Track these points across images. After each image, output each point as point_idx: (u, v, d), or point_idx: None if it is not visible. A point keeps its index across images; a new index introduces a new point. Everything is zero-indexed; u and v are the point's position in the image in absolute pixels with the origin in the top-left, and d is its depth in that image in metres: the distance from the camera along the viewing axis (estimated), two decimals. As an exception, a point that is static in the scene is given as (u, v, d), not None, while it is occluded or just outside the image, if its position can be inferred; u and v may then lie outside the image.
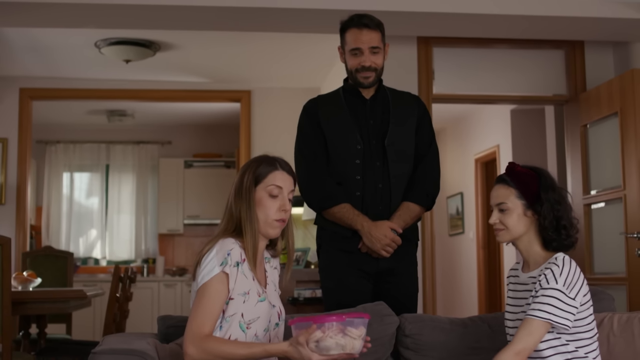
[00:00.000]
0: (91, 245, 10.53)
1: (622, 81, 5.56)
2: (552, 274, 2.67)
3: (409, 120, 3.70)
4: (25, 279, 5.29)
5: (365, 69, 3.59)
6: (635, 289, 5.38)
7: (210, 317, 2.47)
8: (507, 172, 2.87)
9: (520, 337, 2.64)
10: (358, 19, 3.60)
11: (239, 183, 2.65)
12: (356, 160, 3.62)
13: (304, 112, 3.75)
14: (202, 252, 2.56)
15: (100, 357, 2.51)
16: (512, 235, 2.83)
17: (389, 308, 3.30)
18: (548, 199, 2.76)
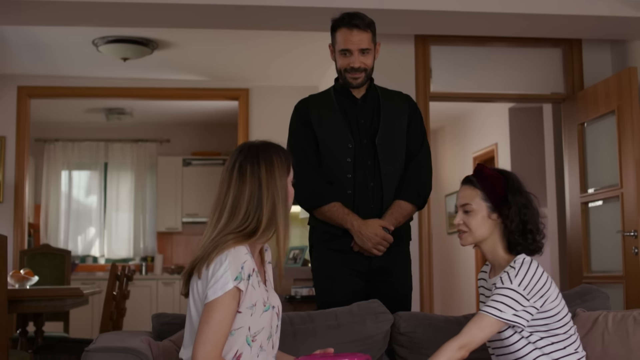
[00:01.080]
0: (90, 244, 10.54)
1: (620, 79, 5.56)
2: (508, 276, 2.68)
3: (399, 120, 3.69)
4: (22, 277, 5.30)
5: (355, 70, 3.56)
6: (632, 287, 5.38)
7: (222, 336, 2.37)
8: (474, 173, 2.85)
9: (468, 330, 2.65)
10: (349, 18, 3.56)
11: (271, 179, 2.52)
12: (347, 159, 3.62)
13: (295, 112, 3.74)
14: (211, 253, 2.42)
15: (93, 355, 2.50)
16: (475, 237, 2.82)
17: (383, 306, 3.29)
18: (515, 202, 2.75)
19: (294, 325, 3.17)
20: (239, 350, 2.44)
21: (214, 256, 2.41)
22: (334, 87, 3.75)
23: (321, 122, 3.65)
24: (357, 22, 3.53)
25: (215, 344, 2.36)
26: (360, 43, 3.53)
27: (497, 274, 2.81)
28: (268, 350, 2.54)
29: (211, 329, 2.36)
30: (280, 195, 2.52)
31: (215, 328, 2.36)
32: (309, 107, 3.71)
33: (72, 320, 6.80)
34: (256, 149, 2.58)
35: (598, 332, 3.09)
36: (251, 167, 2.53)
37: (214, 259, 2.41)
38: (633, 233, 5.35)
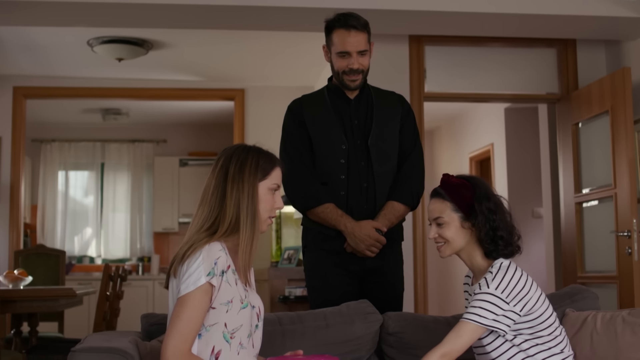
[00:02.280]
0: (86, 244, 10.54)
1: (613, 79, 5.56)
2: (485, 281, 2.69)
3: (392, 120, 3.69)
4: (16, 277, 5.30)
5: (353, 72, 3.54)
6: (625, 287, 5.38)
7: (192, 330, 2.38)
8: (441, 184, 2.85)
9: (449, 339, 2.66)
10: (345, 19, 3.53)
11: (238, 175, 2.53)
12: (341, 159, 3.62)
13: (289, 113, 3.73)
14: (186, 252, 2.46)
15: (79, 355, 2.50)
16: (453, 248, 2.82)
17: (373, 306, 3.29)
18: (482, 210, 2.74)
19: (282, 326, 3.17)
20: (217, 346, 2.45)
21: (190, 253, 2.44)
22: (328, 87, 3.73)
23: (315, 122, 3.64)
24: (354, 23, 3.51)
25: (185, 338, 2.37)
26: (358, 45, 3.52)
27: (478, 280, 2.82)
28: (249, 349, 2.53)
29: (181, 323, 2.37)
30: (247, 197, 2.52)
31: (185, 322, 2.37)
32: (302, 107, 3.69)
33: (67, 320, 6.79)
34: (237, 148, 2.61)
35: (587, 333, 3.09)
36: (223, 161, 2.57)
37: (190, 256, 2.44)
38: (626, 233, 5.35)
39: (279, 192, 2.62)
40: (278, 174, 2.62)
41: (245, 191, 2.52)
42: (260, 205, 2.55)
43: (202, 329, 2.44)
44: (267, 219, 2.59)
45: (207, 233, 2.49)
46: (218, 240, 2.48)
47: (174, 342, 2.37)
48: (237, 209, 2.51)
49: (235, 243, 2.54)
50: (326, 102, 3.67)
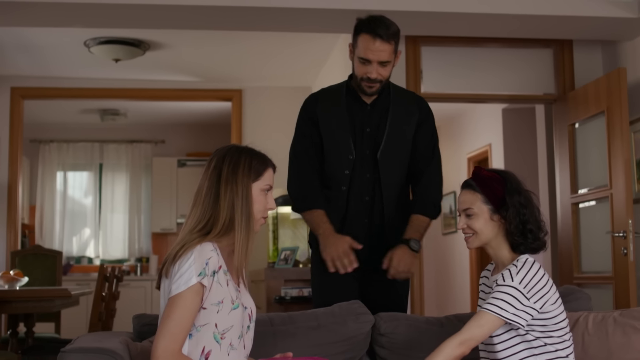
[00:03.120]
0: (85, 244, 10.55)
1: (609, 80, 5.56)
2: (509, 273, 2.70)
3: (408, 125, 3.60)
4: (12, 277, 5.30)
5: (371, 80, 3.45)
6: (621, 288, 5.38)
7: (183, 330, 2.38)
8: (473, 176, 2.86)
9: (469, 327, 2.66)
10: (374, 25, 3.39)
11: (231, 176, 2.53)
12: (345, 170, 3.57)
13: (303, 109, 3.67)
14: (178, 252, 2.45)
15: (69, 355, 2.50)
16: (481, 240, 2.83)
17: (364, 307, 3.29)
18: (513, 203, 2.75)
19: (274, 326, 3.17)
20: (207, 347, 2.45)
21: (181, 253, 2.44)
22: (347, 86, 3.63)
23: (327, 123, 3.58)
24: (382, 33, 3.37)
25: (175, 338, 2.37)
26: (381, 55, 3.40)
27: (500, 271, 2.82)
28: (239, 350, 2.54)
29: (172, 323, 2.38)
30: (241, 197, 2.52)
31: (176, 322, 2.38)
32: (318, 102, 3.63)
33: (64, 321, 6.80)
34: (230, 148, 2.62)
35: (578, 333, 3.10)
36: (216, 162, 2.58)
37: (181, 256, 2.44)
38: (622, 234, 5.35)
39: (271, 192, 2.63)
40: (270, 175, 2.62)
41: (240, 192, 2.53)
42: (254, 206, 2.56)
43: (192, 329, 2.44)
44: (260, 219, 2.60)
45: (199, 234, 2.50)
46: (210, 241, 2.48)
47: (165, 342, 2.37)
48: (231, 210, 2.51)
49: (228, 244, 2.55)
50: (342, 103, 3.60)
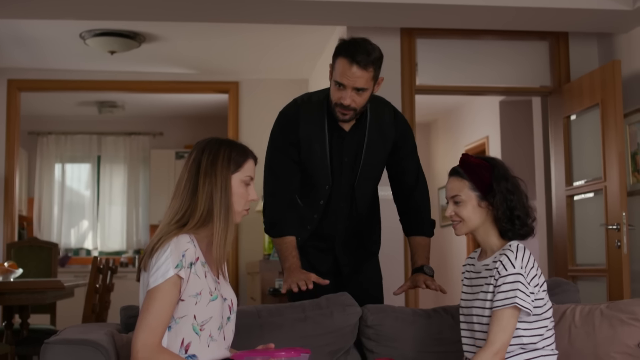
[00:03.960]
0: (83, 236, 10.56)
1: (603, 72, 5.56)
2: (508, 260, 2.70)
3: (383, 151, 3.53)
4: (6, 269, 5.31)
5: (344, 107, 3.28)
6: (614, 280, 5.38)
7: (162, 323, 2.39)
8: (460, 163, 2.86)
9: (495, 334, 2.65)
10: (354, 49, 3.21)
11: (210, 167, 2.52)
12: (320, 201, 3.52)
13: (284, 127, 3.47)
14: (155, 245, 2.46)
15: (52, 347, 2.50)
16: (469, 227, 2.84)
17: (352, 298, 3.29)
18: (500, 190, 2.76)
19: (261, 318, 3.18)
20: (186, 339, 2.45)
21: (158, 246, 2.45)
22: (328, 109, 3.42)
23: (307, 151, 3.44)
24: (360, 59, 3.19)
25: (154, 332, 2.38)
26: (357, 81, 3.22)
27: (488, 256, 2.83)
28: (219, 341, 2.54)
29: (151, 316, 2.38)
30: (220, 189, 2.52)
31: (155, 315, 2.38)
32: (299, 126, 3.42)
33: (60, 312, 6.81)
34: (210, 141, 2.62)
35: (565, 326, 3.09)
36: (196, 154, 2.58)
37: (158, 249, 2.44)
38: (616, 226, 5.35)
39: (252, 184, 2.62)
40: (251, 166, 2.62)
41: (218, 184, 2.52)
42: (234, 198, 2.55)
43: (171, 321, 2.45)
44: (241, 211, 2.60)
45: (176, 225, 2.50)
46: (187, 233, 2.48)
47: (144, 336, 2.37)
48: (210, 202, 2.51)
49: (206, 235, 2.55)
50: (324, 127, 3.43)
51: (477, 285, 2.83)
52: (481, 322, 2.76)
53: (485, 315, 2.74)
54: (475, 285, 2.85)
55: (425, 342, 3.25)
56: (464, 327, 2.89)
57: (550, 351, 2.75)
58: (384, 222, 3.86)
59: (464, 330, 2.88)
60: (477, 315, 2.78)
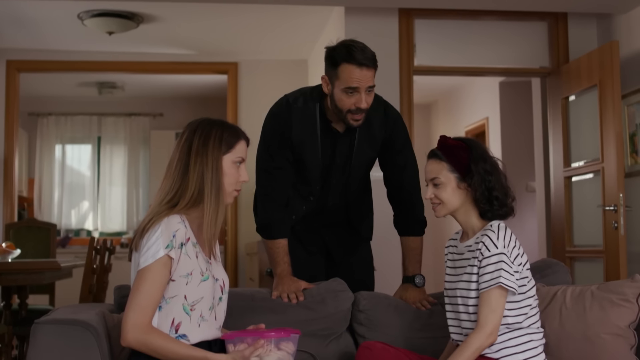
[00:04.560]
0: (83, 217, 10.58)
1: (601, 53, 5.53)
2: (490, 240, 2.71)
3: (372, 150, 3.51)
4: (4, 250, 5.32)
5: (361, 111, 3.26)
6: (611, 261, 5.38)
7: (152, 303, 2.40)
8: (438, 145, 2.86)
9: (485, 316, 2.66)
10: (354, 53, 3.20)
11: (202, 148, 2.53)
12: (310, 197, 3.52)
13: (275, 126, 3.43)
14: (146, 225, 2.47)
15: (42, 327, 2.52)
16: (449, 209, 2.84)
17: (345, 284, 3.30)
18: (478, 171, 2.76)
19: (255, 302, 3.19)
20: (177, 318, 2.47)
21: (149, 227, 2.46)
22: (320, 111, 3.41)
23: (300, 147, 3.42)
24: (366, 60, 3.20)
25: (145, 312, 2.39)
26: (369, 81, 3.24)
27: (470, 237, 2.83)
28: (210, 321, 2.55)
29: (141, 296, 2.40)
30: (210, 169, 2.52)
31: (145, 295, 2.40)
32: (292, 126, 3.39)
33: (59, 293, 6.82)
34: (202, 121, 2.62)
35: (556, 307, 3.09)
36: (188, 135, 2.58)
37: (149, 229, 2.45)
38: (613, 207, 5.35)
39: (244, 165, 2.63)
40: (243, 147, 2.62)
41: (209, 164, 2.52)
42: (225, 179, 2.56)
43: (162, 301, 2.46)
44: (233, 192, 2.60)
45: (167, 206, 2.50)
46: (178, 213, 2.49)
47: (134, 315, 2.39)
48: (201, 182, 2.52)
49: (197, 216, 2.55)
50: (317, 130, 3.40)
51: (460, 267, 2.85)
52: (466, 304, 2.77)
53: (471, 297, 2.75)
54: (458, 267, 2.86)
55: (415, 328, 3.27)
56: (449, 309, 2.90)
57: (535, 329, 2.77)
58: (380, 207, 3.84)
59: (449, 312, 2.90)
60: (461, 297, 2.79)
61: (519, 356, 2.70)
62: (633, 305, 3.01)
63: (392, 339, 3.17)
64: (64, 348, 2.47)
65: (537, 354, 2.73)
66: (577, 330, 3.02)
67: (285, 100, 3.45)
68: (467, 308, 2.77)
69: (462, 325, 2.80)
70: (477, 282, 2.73)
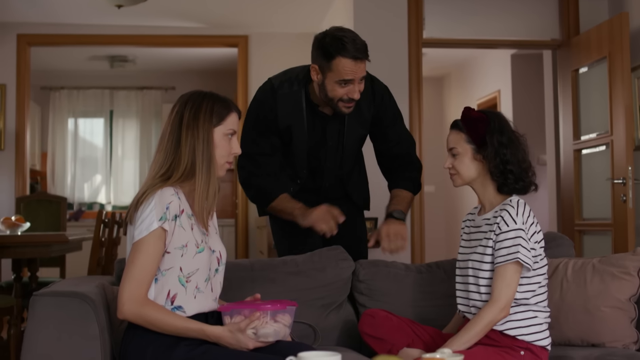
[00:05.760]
0: (96, 191, 10.62)
1: (611, 25, 5.48)
2: (509, 215, 2.70)
3: (363, 127, 3.51)
4: (13, 223, 5.35)
5: (353, 100, 3.26)
6: (619, 234, 5.36)
7: (147, 276, 2.42)
8: (461, 117, 2.85)
9: (500, 290, 2.66)
10: (347, 45, 3.14)
11: (192, 121, 2.52)
12: (297, 180, 3.52)
13: (259, 112, 3.42)
14: (140, 199, 2.48)
15: (40, 299, 2.53)
16: (464, 179, 2.84)
17: (345, 252, 3.31)
18: (492, 143, 2.75)
19: (254, 271, 3.20)
20: (173, 290, 2.48)
21: (143, 200, 2.47)
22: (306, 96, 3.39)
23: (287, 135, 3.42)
24: (360, 54, 3.17)
25: (140, 284, 2.41)
26: (362, 72, 3.23)
27: (487, 211, 2.83)
28: (207, 293, 2.56)
29: (136, 269, 2.41)
30: (202, 142, 2.52)
31: (140, 268, 2.41)
32: (277, 112, 3.38)
33: (69, 266, 6.87)
34: (193, 94, 2.62)
35: (557, 280, 3.10)
36: (179, 107, 2.58)
37: (143, 202, 2.46)
38: (622, 180, 5.32)
39: (235, 137, 2.62)
40: (234, 120, 2.61)
41: (200, 137, 2.52)
42: (216, 151, 2.56)
43: (158, 273, 2.47)
44: (225, 164, 2.60)
45: (161, 179, 2.51)
46: (172, 186, 2.50)
47: (130, 288, 2.40)
48: (193, 155, 2.52)
49: (192, 189, 2.56)
50: (303, 116, 3.39)
51: (475, 240, 2.84)
52: (476, 276, 2.77)
53: (482, 269, 2.75)
54: (473, 240, 2.85)
55: (415, 297, 3.27)
56: (458, 280, 2.90)
57: (542, 307, 2.75)
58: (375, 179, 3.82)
59: (459, 284, 2.89)
60: (472, 269, 2.79)
61: (523, 330, 2.70)
62: (634, 278, 3.01)
63: (393, 307, 3.18)
64: (62, 319, 2.49)
65: (541, 331, 2.72)
66: (578, 303, 3.02)
67: (270, 86, 3.42)
68: (477, 280, 2.77)
69: (470, 297, 2.80)
70: (491, 256, 2.72)
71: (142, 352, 2.44)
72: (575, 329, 3.01)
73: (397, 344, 2.81)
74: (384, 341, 2.84)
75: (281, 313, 2.47)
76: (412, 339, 2.86)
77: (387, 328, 2.85)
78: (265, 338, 2.43)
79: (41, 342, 2.46)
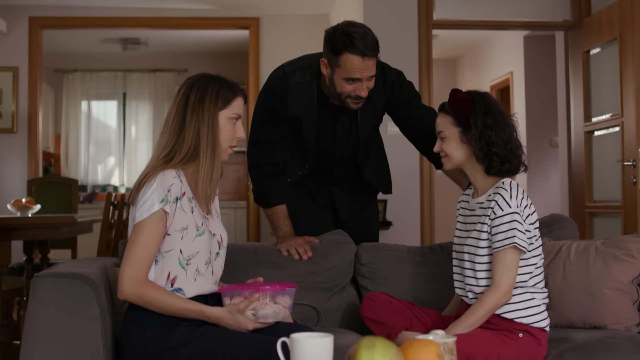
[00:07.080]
0: (109, 173, 10.66)
1: (622, 6, 5.43)
2: (503, 199, 2.68)
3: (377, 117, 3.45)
4: (24, 205, 5.38)
5: (361, 98, 3.18)
6: (629, 217, 5.33)
7: (148, 257, 2.43)
8: (448, 99, 2.83)
9: (501, 276, 2.66)
10: (356, 42, 3.04)
11: (198, 103, 2.52)
12: (306, 165, 3.48)
13: (268, 99, 3.36)
14: (142, 180, 2.49)
15: (41, 280, 2.54)
16: (453, 162, 2.82)
17: (347, 236, 3.31)
18: (476, 125, 2.72)
19: (257, 255, 3.21)
20: (173, 272, 2.49)
21: (145, 181, 2.48)
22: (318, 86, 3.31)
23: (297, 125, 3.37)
24: (369, 51, 3.06)
25: (141, 265, 2.42)
26: (371, 70, 3.12)
27: (480, 195, 2.82)
28: (207, 276, 2.57)
29: (137, 250, 2.43)
30: (207, 125, 2.52)
31: (141, 249, 2.43)
32: (288, 102, 3.31)
33: (81, 247, 6.92)
34: (199, 77, 2.61)
35: (560, 262, 3.09)
36: (185, 90, 2.58)
37: (145, 184, 2.47)
38: (632, 162, 5.29)
39: (240, 121, 2.62)
40: (239, 104, 2.61)
41: (205, 120, 2.52)
42: (221, 135, 2.56)
43: (158, 255, 2.49)
44: (228, 148, 2.60)
45: (164, 161, 2.52)
46: (173, 168, 2.50)
47: (130, 269, 2.42)
48: (197, 138, 2.52)
49: (194, 172, 2.56)
50: (314, 106, 3.32)
51: (470, 223, 2.83)
52: (472, 260, 2.76)
53: (478, 254, 2.74)
54: (468, 223, 2.84)
55: (417, 279, 3.27)
56: (455, 263, 2.89)
57: (539, 289, 2.75)
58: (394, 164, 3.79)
59: (455, 267, 2.89)
60: (468, 253, 2.78)
61: (521, 313, 2.70)
62: (637, 260, 3.00)
63: (395, 290, 3.18)
64: (63, 300, 2.50)
65: (539, 312, 2.72)
66: (580, 285, 3.01)
67: (282, 72, 3.35)
68: (473, 265, 2.76)
69: (466, 282, 2.80)
70: (486, 240, 2.72)
71: (141, 332, 2.45)
72: (577, 311, 3.01)
73: (396, 328, 2.81)
74: (383, 325, 2.84)
75: (281, 294, 2.48)
76: (411, 322, 2.86)
77: (386, 312, 2.86)
78: (265, 319, 2.43)
79: (41, 323, 2.47)
